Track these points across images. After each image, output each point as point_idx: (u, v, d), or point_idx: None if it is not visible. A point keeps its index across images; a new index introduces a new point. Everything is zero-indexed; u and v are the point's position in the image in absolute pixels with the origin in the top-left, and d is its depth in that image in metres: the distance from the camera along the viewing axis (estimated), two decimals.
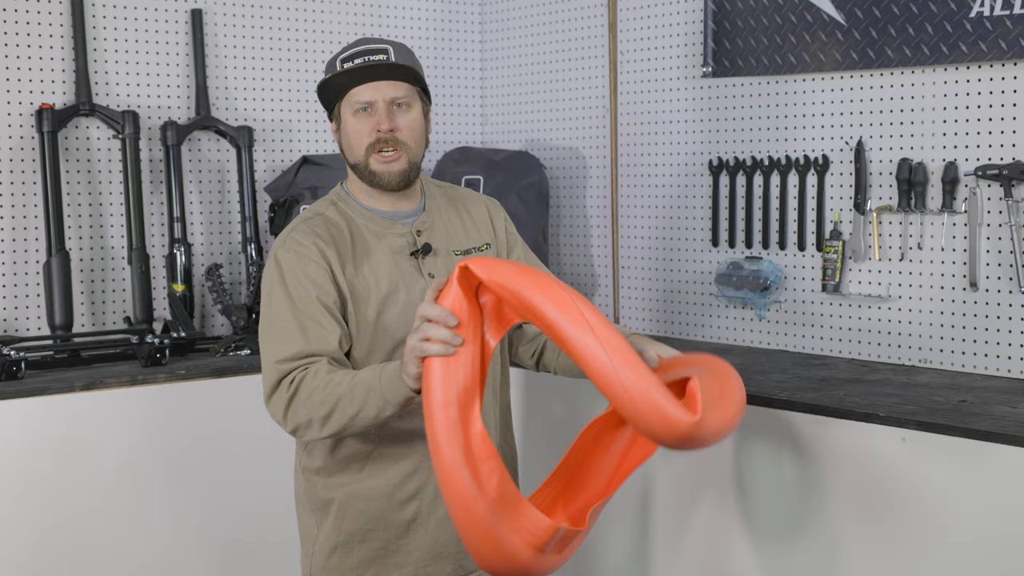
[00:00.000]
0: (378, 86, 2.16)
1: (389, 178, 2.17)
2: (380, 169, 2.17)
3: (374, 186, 2.19)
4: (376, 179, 2.18)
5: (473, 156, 3.74)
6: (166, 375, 3.02)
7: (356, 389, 1.96)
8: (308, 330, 2.07)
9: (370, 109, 2.16)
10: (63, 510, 2.86)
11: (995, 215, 2.79)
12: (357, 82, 2.16)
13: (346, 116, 2.18)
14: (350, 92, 2.16)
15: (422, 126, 2.22)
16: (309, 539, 2.25)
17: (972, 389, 2.65)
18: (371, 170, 2.17)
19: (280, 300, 2.11)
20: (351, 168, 2.22)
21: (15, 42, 3.30)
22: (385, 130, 2.15)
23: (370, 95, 2.16)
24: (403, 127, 2.17)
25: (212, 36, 3.61)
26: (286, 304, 2.10)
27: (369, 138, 2.15)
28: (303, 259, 2.11)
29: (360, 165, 2.18)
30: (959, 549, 2.27)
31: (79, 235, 3.40)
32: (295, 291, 2.10)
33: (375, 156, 2.16)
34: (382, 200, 2.22)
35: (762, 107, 3.26)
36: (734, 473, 2.64)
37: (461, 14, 4.09)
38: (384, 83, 2.16)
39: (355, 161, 2.19)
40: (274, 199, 3.57)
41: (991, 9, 2.75)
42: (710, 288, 3.39)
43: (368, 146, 2.16)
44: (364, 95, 2.16)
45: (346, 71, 2.16)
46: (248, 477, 3.08)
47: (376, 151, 2.16)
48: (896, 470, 2.37)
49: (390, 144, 2.15)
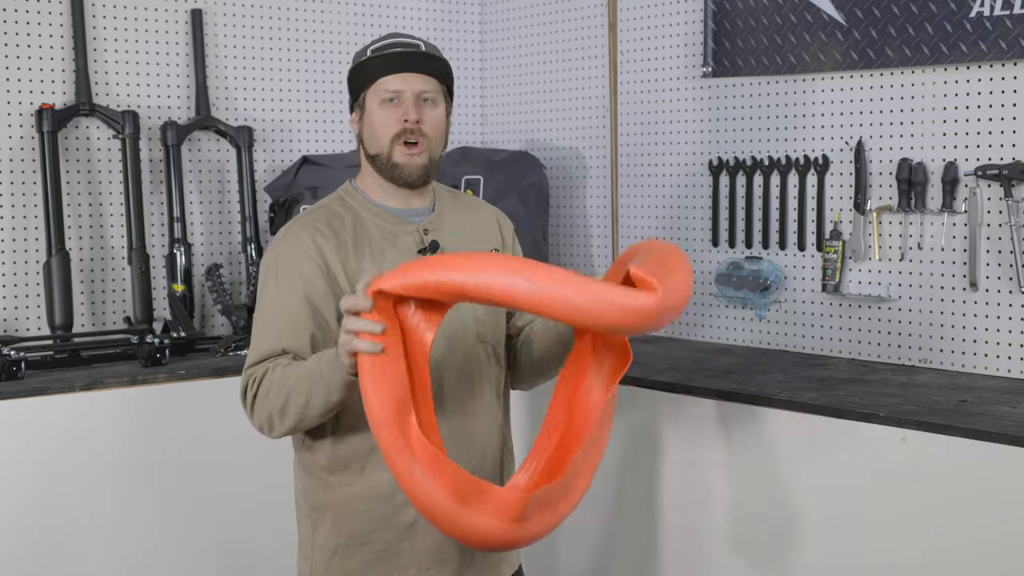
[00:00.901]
0: (408, 77, 2.15)
1: (411, 171, 2.16)
2: (403, 161, 2.15)
3: (393, 180, 2.18)
4: (398, 171, 2.16)
5: (473, 156, 3.74)
6: (166, 375, 3.02)
7: (302, 379, 1.98)
8: (281, 327, 2.09)
9: (396, 100, 2.15)
10: (63, 510, 2.86)
11: (995, 215, 2.79)
12: (389, 71, 2.15)
13: (371, 105, 2.16)
14: (379, 80, 2.15)
15: (445, 124, 2.21)
16: (307, 542, 2.23)
17: (972, 389, 2.65)
18: (394, 162, 2.16)
19: (264, 293, 2.13)
20: (371, 160, 2.19)
21: (15, 42, 3.30)
22: (412, 121, 2.14)
23: (399, 84, 2.15)
24: (428, 121, 2.16)
25: (212, 36, 3.61)
26: (271, 298, 2.12)
27: (395, 128, 2.14)
28: (297, 253, 2.11)
29: (382, 156, 2.16)
30: (959, 549, 2.27)
31: (79, 235, 3.40)
32: (282, 285, 2.11)
33: (399, 147, 2.15)
34: (394, 197, 2.21)
35: (762, 107, 3.26)
36: (734, 473, 2.64)
37: (461, 14, 4.09)
38: (414, 75, 2.15)
39: (377, 151, 2.17)
40: (274, 199, 3.57)
41: (991, 9, 2.75)
42: (710, 288, 3.39)
43: (393, 136, 2.14)
44: (394, 84, 2.14)
45: (381, 56, 2.15)
46: (248, 477, 3.08)
47: (401, 142, 2.15)
48: (896, 470, 2.37)
49: (415, 135, 2.15)
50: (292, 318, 2.09)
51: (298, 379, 2.00)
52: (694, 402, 2.70)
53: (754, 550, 2.61)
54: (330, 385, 1.96)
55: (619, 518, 2.88)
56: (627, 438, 2.84)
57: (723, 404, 2.66)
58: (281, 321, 2.09)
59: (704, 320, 3.43)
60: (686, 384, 2.76)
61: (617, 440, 2.85)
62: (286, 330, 2.08)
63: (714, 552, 2.70)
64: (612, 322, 1.77)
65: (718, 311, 3.39)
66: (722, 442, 2.66)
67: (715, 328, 3.41)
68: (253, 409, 2.07)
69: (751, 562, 2.62)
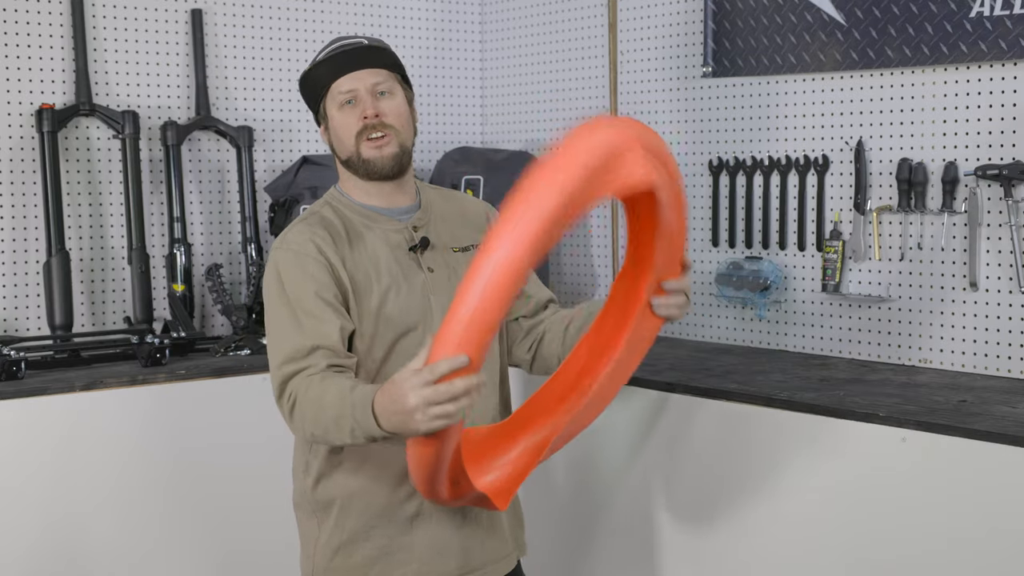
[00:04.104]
0: (358, 75, 2.18)
1: (383, 163, 2.18)
2: (372, 155, 2.17)
3: (369, 176, 2.20)
4: (370, 166, 2.18)
5: (473, 156, 3.74)
6: (166, 375, 3.02)
7: (341, 421, 1.96)
8: (304, 326, 2.08)
9: (354, 101, 2.18)
10: (62, 510, 2.86)
11: (995, 215, 2.79)
12: (338, 73, 2.18)
13: (332, 112, 2.20)
14: (332, 86, 2.19)
15: (408, 112, 2.23)
16: (310, 540, 2.24)
17: (972, 389, 2.65)
18: (363, 158, 2.18)
19: (277, 303, 2.12)
20: (343, 165, 2.23)
21: (15, 42, 3.30)
22: (371, 115, 2.16)
23: (351, 84, 2.17)
24: (389, 112, 2.18)
25: (212, 36, 3.61)
26: (283, 305, 2.11)
27: (356, 127, 2.17)
28: (300, 256, 2.12)
29: (352, 157, 2.19)
30: (959, 549, 2.27)
31: (79, 235, 3.40)
32: (292, 291, 2.10)
33: (365, 143, 2.17)
34: (377, 195, 2.23)
35: (762, 107, 3.26)
36: (734, 473, 2.64)
37: (461, 14, 4.09)
38: (363, 71, 2.18)
39: (347, 155, 2.20)
40: (274, 199, 3.57)
41: (991, 9, 2.75)
42: (710, 288, 3.39)
43: (356, 135, 2.17)
44: (346, 84, 2.18)
45: (323, 61, 2.20)
46: (248, 477, 3.08)
47: (365, 138, 2.17)
48: (896, 470, 2.37)
49: (378, 129, 2.17)
50: (314, 316, 2.09)
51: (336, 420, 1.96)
52: (694, 402, 2.70)
53: (754, 550, 2.61)
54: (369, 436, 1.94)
55: (618, 518, 2.88)
56: (627, 437, 2.84)
57: (723, 404, 2.66)
58: (304, 321, 2.08)
59: (704, 320, 3.43)
60: (686, 384, 2.76)
61: (617, 439, 2.85)
62: (310, 329, 2.08)
63: (713, 552, 2.70)
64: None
65: (718, 311, 3.39)
66: (722, 442, 2.66)
67: (715, 328, 3.41)
68: (291, 419, 2.06)
69: (750, 562, 2.62)
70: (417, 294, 2.17)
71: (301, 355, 2.06)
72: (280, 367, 2.07)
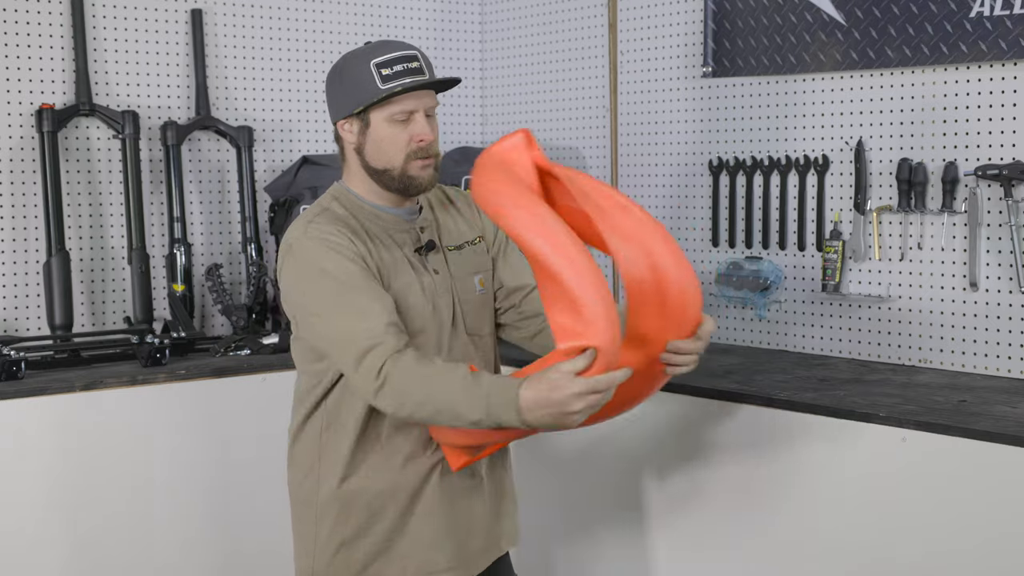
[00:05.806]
0: (420, 97, 2.19)
1: (427, 183, 2.20)
2: (419, 174, 2.19)
3: (406, 191, 2.20)
4: (412, 183, 2.19)
5: (473, 156, 3.70)
6: (166, 375, 3.02)
7: (469, 405, 1.97)
8: (368, 302, 2.06)
9: (407, 119, 2.18)
10: (62, 510, 2.86)
11: (995, 215, 2.79)
12: (402, 90, 2.16)
13: (378, 121, 2.17)
14: (392, 100, 2.17)
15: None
16: (309, 538, 2.25)
17: (972, 389, 2.65)
18: (410, 175, 2.18)
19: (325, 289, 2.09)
20: (374, 172, 2.20)
21: (15, 42, 3.30)
22: (428, 141, 2.18)
23: (413, 105, 2.18)
24: (435, 136, 2.22)
25: (212, 36, 3.61)
26: (335, 288, 2.08)
27: (409, 147, 2.17)
28: (332, 244, 2.11)
29: (393, 170, 2.18)
30: (959, 549, 2.27)
31: (79, 235, 3.40)
32: (339, 273, 2.09)
33: (415, 163, 2.18)
34: (387, 199, 2.24)
35: (762, 107, 3.26)
36: (734, 473, 2.64)
37: (461, 14, 4.09)
38: (425, 94, 2.19)
39: (385, 166, 2.19)
40: (274, 199, 3.57)
41: (991, 9, 2.75)
42: (710, 288, 3.39)
43: (408, 154, 2.18)
44: (408, 105, 2.17)
45: (387, 74, 2.16)
46: (248, 477, 3.08)
47: (416, 158, 2.18)
48: (896, 470, 2.37)
49: (428, 151, 2.19)
50: (371, 292, 2.08)
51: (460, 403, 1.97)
52: (694, 402, 2.70)
53: (753, 551, 2.61)
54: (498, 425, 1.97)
55: (617, 518, 2.88)
56: (626, 438, 2.84)
57: (723, 404, 2.66)
58: (364, 298, 2.07)
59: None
60: (686, 384, 2.75)
61: (616, 440, 2.85)
62: (377, 304, 2.07)
63: (712, 552, 2.70)
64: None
65: (718, 311, 3.39)
66: (722, 442, 2.66)
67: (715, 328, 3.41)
68: (378, 396, 2.03)
69: (749, 562, 2.62)
70: (423, 296, 2.18)
71: (379, 331, 2.04)
72: (357, 343, 2.03)
